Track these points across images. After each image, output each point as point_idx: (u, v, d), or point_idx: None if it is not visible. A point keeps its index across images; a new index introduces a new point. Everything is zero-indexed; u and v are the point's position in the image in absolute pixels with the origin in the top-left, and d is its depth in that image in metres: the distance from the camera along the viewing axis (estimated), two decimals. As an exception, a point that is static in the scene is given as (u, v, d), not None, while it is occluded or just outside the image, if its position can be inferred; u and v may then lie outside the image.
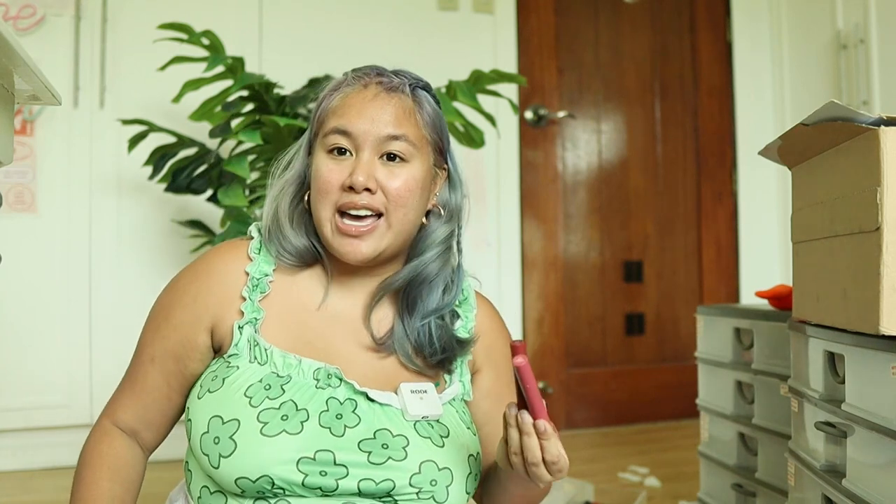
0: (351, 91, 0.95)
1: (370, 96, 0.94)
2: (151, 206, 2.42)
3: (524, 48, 2.84)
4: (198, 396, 0.92)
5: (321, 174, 0.93)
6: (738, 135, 3.04)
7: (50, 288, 2.33)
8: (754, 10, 3.07)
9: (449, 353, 0.97)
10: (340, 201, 0.91)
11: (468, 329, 1.02)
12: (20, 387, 2.29)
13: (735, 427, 1.57)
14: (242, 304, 0.94)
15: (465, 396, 1.01)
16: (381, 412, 0.91)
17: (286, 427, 0.86)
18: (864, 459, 0.99)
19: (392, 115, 0.93)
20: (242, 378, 0.90)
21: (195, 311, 0.95)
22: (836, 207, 1.02)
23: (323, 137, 0.94)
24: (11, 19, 2.27)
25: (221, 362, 0.93)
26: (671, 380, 2.93)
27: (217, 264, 0.97)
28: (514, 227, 2.79)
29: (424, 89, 0.99)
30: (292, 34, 2.54)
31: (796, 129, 1.06)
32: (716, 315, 1.66)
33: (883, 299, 0.88)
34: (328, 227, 0.92)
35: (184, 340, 0.95)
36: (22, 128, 2.30)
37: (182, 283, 0.98)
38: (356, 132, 0.92)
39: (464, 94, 1.93)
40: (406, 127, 0.94)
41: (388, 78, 0.97)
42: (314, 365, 0.92)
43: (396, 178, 0.92)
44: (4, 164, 0.96)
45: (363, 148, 0.92)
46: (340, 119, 0.93)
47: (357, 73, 0.97)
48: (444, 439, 0.92)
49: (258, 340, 0.92)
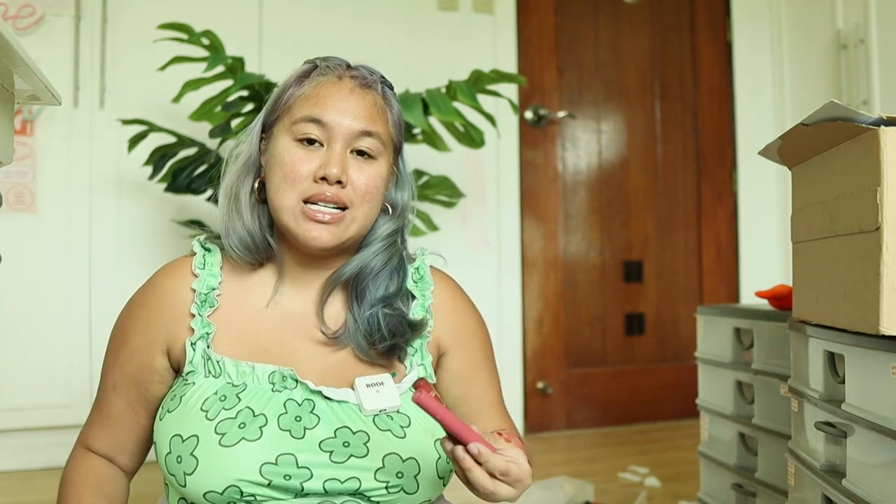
0: (325, 81, 0.94)
1: (346, 90, 0.93)
2: (151, 206, 2.42)
3: (524, 48, 2.84)
4: (159, 418, 0.91)
5: (288, 161, 0.91)
6: (738, 135, 3.04)
7: (50, 288, 2.33)
8: (754, 10, 3.07)
9: (399, 338, 0.96)
10: (309, 191, 0.90)
11: (426, 307, 1.01)
12: (20, 387, 2.29)
13: (735, 427, 1.57)
14: (192, 321, 0.93)
15: (428, 379, 0.99)
16: (339, 409, 0.90)
17: (245, 434, 0.85)
18: (864, 459, 0.99)
19: (367, 111, 0.93)
20: (199, 393, 0.89)
21: (148, 335, 0.95)
22: (836, 207, 1.02)
23: (292, 125, 0.92)
24: (11, 19, 2.26)
25: (180, 381, 0.93)
26: (671, 380, 2.93)
27: (163, 286, 0.96)
28: (514, 227, 2.79)
29: (390, 88, 0.99)
30: (292, 34, 2.54)
31: (796, 129, 1.06)
32: (716, 315, 1.66)
33: (883, 299, 0.88)
34: (289, 214, 0.91)
35: (141, 365, 0.95)
36: (22, 128, 2.30)
37: (134, 308, 0.98)
38: (330, 123, 0.91)
39: (464, 94, 1.93)
40: (378, 124, 0.94)
41: (360, 73, 0.96)
42: (268, 369, 0.91)
43: (364, 174, 0.92)
44: (4, 164, 0.96)
45: (336, 140, 0.91)
46: (314, 108, 0.92)
47: (328, 64, 0.96)
48: (405, 429, 0.91)
49: (210, 354, 0.92)
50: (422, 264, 1.05)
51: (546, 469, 2.27)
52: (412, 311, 1.00)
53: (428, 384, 0.88)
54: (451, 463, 0.83)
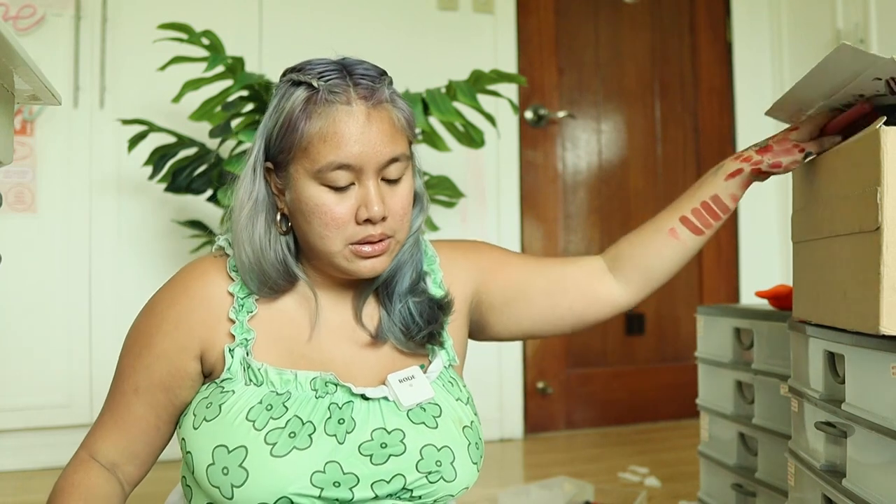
0: (336, 111, 0.86)
1: (361, 119, 0.86)
2: (151, 206, 2.42)
3: (524, 48, 2.84)
4: (193, 426, 0.89)
5: (326, 210, 0.87)
6: (738, 135, 3.04)
7: (50, 288, 2.33)
8: (754, 10, 3.07)
9: (434, 325, 0.97)
10: (357, 236, 0.88)
11: (438, 282, 1.02)
12: (20, 387, 2.29)
13: (735, 427, 1.57)
14: (232, 327, 0.91)
15: (452, 362, 1.00)
16: (375, 410, 0.90)
17: (296, 444, 0.85)
18: (864, 459, 0.99)
19: (388, 134, 0.88)
20: (241, 402, 0.87)
21: (179, 339, 0.91)
22: (836, 207, 1.02)
23: (317, 172, 0.86)
24: (11, 19, 2.27)
25: (214, 387, 0.90)
26: (671, 380, 2.93)
27: (197, 287, 0.93)
28: (514, 227, 2.79)
29: (390, 83, 0.93)
30: (292, 34, 2.54)
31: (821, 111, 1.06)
32: (716, 315, 1.66)
33: (883, 299, 0.88)
34: (339, 258, 0.90)
35: (171, 370, 0.91)
36: (22, 128, 2.30)
37: (160, 308, 0.93)
38: (358, 164, 0.86)
39: (464, 94, 1.93)
40: (400, 143, 0.90)
41: (365, 85, 0.88)
42: (310, 375, 0.90)
43: (398, 196, 0.90)
44: (4, 164, 0.96)
45: (367, 177, 0.88)
46: (338, 151, 0.86)
47: (330, 86, 0.87)
48: (436, 419, 0.92)
49: (250, 362, 0.89)
50: (423, 241, 1.05)
51: (546, 469, 2.27)
52: (432, 293, 1.00)
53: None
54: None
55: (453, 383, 0.98)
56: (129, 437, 0.93)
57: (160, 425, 0.94)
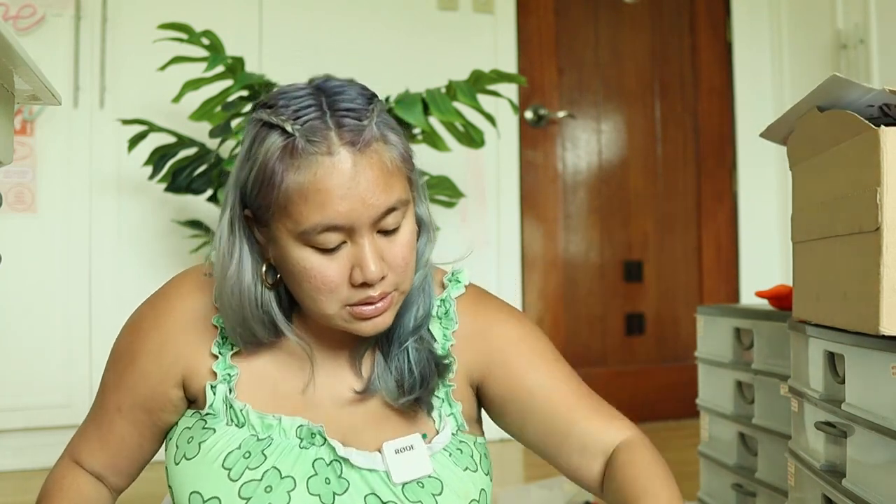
0: (317, 163, 0.73)
1: (347, 171, 0.73)
2: (151, 206, 2.42)
3: (524, 48, 2.84)
4: (174, 461, 0.84)
5: (315, 274, 0.76)
6: (738, 135, 3.04)
7: (50, 288, 2.33)
8: (754, 10, 3.06)
9: (427, 383, 0.86)
10: (353, 299, 0.78)
11: (446, 349, 0.90)
12: (20, 387, 2.29)
13: (735, 427, 1.57)
14: (214, 364, 0.84)
15: (461, 428, 0.90)
16: (368, 474, 0.83)
17: (271, 500, 0.79)
18: (864, 459, 0.98)
19: (381, 183, 0.75)
20: (220, 444, 0.82)
21: (162, 365, 0.86)
22: (836, 207, 1.02)
23: (301, 233, 0.75)
24: (11, 19, 2.27)
25: (197, 420, 0.85)
26: (671, 380, 2.93)
27: (181, 309, 0.86)
28: (514, 227, 2.79)
29: (380, 110, 0.79)
30: (292, 34, 2.54)
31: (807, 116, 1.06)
32: (716, 315, 1.66)
33: (883, 299, 0.88)
34: (336, 319, 0.80)
35: (153, 394, 0.86)
36: (22, 128, 2.30)
37: (145, 327, 0.87)
38: (348, 223, 0.74)
39: (464, 94, 1.93)
40: (395, 188, 0.77)
41: (349, 126, 0.74)
42: (295, 422, 0.83)
43: (397, 246, 0.79)
44: (4, 164, 0.96)
45: (360, 235, 0.76)
46: (323, 212, 0.73)
47: (308, 130, 0.73)
48: (436, 498, 0.83)
49: (232, 402, 0.84)
50: (448, 297, 0.92)
51: (546, 469, 2.27)
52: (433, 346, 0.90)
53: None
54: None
55: (462, 450, 0.88)
56: (112, 452, 0.90)
57: (143, 443, 0.90)
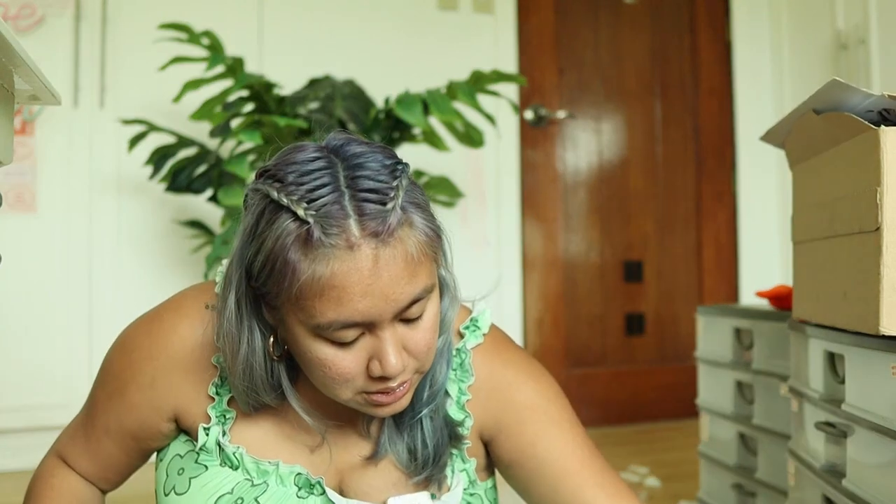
0: (332, 260, 0.65)
1: (368, 265, 0.65)
2: (151, 206, 2.42)
3: (524, 48, 2.84)
4: (164, 491, 0.81)
5: (329, 364, 0.70)
6: (738, 135, 3.04)
7: (50, 288, 2.33)
8: (754, 10, 3.07)
9: (440, 458, 0.81)
10: (370, 388, 0.72)
11: (461, 404, 0.84)
12: (20, 387, 2.29)
13: (735, 427, 1.57)
14: (210, 406, 0.80)
15: (473, 484, 0.86)
16: None
17: None
18: (864, 459, 0.99)
19: (406, 276, 0.67)
20: (212, 484, 0.79)
21: (153, 399, 0.81)
22: (836, 207, 1.02)
23: (315, 328, 0.68)
24: (11, 19, 2.27)
25: (189, 450, 0.82)
26: (671, 380, 2.93)
27: (179, 345, 0.80)
28: (514, 227, 2.79)
29: (406, 188, 0.70)
30: (292, 34, 2.55)
31: (805, 117, 1.06)
32: (716, 315, 1.66)
33: (883, 299, 0.88)
34: (352, 403, 0.75)
35: (142, 424, 0.83)
36: (22, 128, 2.30)
37: (136, 358, 0.82)
38: (367, 320, 0.67)
39: (464, 95, 1.93)
40: (421, 276, 0.69)
41: (372, 213, 0.65)
42: (294, 469, 0.79)
43: (420, 333, 0.72)
44: (4, 164, 0.96)
45: (381, 329, 0.69)
46: (339, 309, 0.66)
47: (324, 217, 0.65)
48: None
49: (225, 445, 0.79)
50: (464, 347, 0.85)
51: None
52: (448, 410, 0.84)
53: None
54: None
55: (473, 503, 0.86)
56: (100, 466, 0.88)
57: (132, 462, 0.88)
